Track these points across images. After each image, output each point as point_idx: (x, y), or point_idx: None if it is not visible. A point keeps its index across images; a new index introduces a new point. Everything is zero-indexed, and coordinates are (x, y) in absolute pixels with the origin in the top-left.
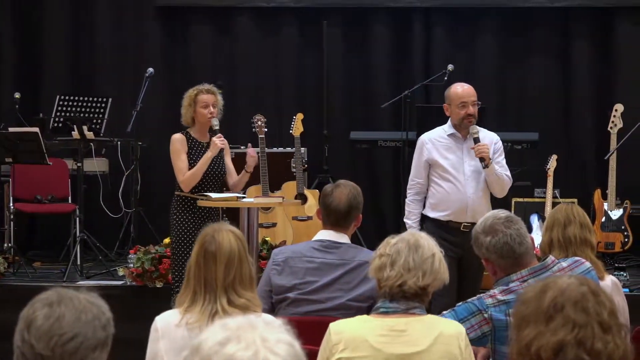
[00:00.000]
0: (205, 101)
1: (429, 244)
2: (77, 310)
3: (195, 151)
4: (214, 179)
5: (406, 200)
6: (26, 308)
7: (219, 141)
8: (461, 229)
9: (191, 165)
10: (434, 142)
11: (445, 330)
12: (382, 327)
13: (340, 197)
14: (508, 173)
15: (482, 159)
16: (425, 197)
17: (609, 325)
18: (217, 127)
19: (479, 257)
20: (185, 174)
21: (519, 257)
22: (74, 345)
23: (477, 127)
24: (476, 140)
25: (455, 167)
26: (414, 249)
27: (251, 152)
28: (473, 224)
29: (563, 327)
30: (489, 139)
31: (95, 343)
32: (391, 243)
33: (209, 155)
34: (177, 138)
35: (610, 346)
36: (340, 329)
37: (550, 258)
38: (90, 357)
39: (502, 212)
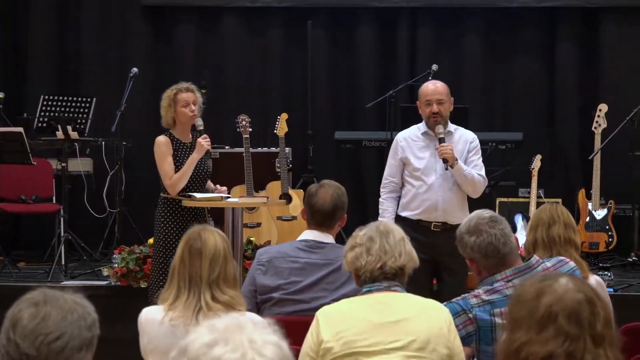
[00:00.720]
0: (186, 99)
1: (397, 229)
2: (63, 310)
3: (180, 152)
4: (200, 180)
5: (379, 199)
6: (12, 307)
7: (205, 142)
8: (432, 228)
9: (176, 166)
10: (408, 141)
11: (429, 304)
12: (368, 301)
13: (325, 197)
14: (482, 172)
15: (445, 160)
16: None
17: (602, 338)
18: (202, 127)
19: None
20: (172, 177)
21: (504, 257)
22: (60, 345)
23: (454, 125)
24: (441, 140)
25: (428, 166)
26: (385, 234)
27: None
28: (444, 223)
29: (554, 339)
30: (465, 138)
31: (80, 343)
32: (361, 234)
33: (195, 157)
34: (162, 141)
35: None
36: (325, 310)
37: (535, 258)
38: (76, 357)
39: (486, 212)
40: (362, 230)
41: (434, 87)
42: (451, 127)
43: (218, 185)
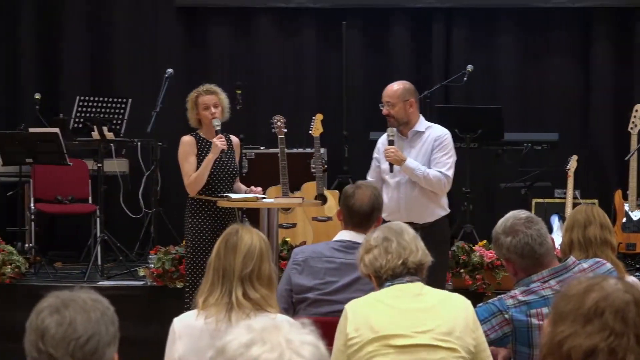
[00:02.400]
0: (206, 103)
1: (409, 227)
2: (86, 310)
3: (205, 152)
4: (225, 179)
5: None
6: (32, 318)
7: (219, 142)
8: None
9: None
10: (384, 143)
11: (452, 295)
12: (393, 291)
13: (363, 198)
14: (444, 170)
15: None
16: None
17: None
18: (219, 128)
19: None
20: (190, 178)
21: (540, 258)
22: (93, 345)
23: (428, 123)
24: (390, 143)
25: (388, 168)
26: (399, 233)
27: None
28: (412, 223)
29: (599, 333)
30: (433, 136)
31: (109, 339)
32: (373, 236)
33: (210, 158)
34: (186, 141)
35: None
36: (353, 303)
37: (571, 259)
38: (107, 352)
39: (522, 213)
40: (374, 233)
41: (386, 89)
42: (422, 126)
43: (252, 187)
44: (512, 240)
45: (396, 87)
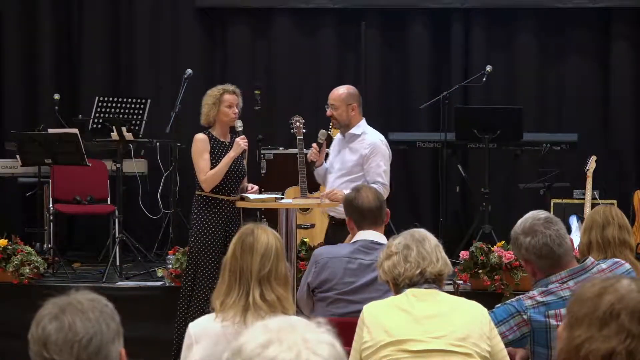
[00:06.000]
0: (230, 101)
1: (431, 236)
2: (83, 312)
3: (217, 150)
4: (234, 179)
5: None
6: (32, 329)
7: (242, 142)
8: (330, 221)
9: (213, 164)
10: (336, 144)
11: (468, 302)
12: (410, 297)
13: (367, 196)
14: (379, 179)
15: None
16: None
17: None
18: (241, 129)
19: None
20: (207, 174)
21: (559, 258)
22: (95, 344)
23: (368, 129)
24: (319, 145)
25: (330, 165)
26: (420, 241)
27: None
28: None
29: (616, 336)
30: (365, 144)
31: (112, 335)
32: (395, 242)
33: (232, 155)
34: (201, 138)
35: None
36: (369, 307)
37: (590, 259)
38: (111, 349)
39: (541, 213)
40: (397, 239)
41: (332, 92)
42: (358, 129)
43: (250, 184)
44: (530, 241)
45: (341, 91)
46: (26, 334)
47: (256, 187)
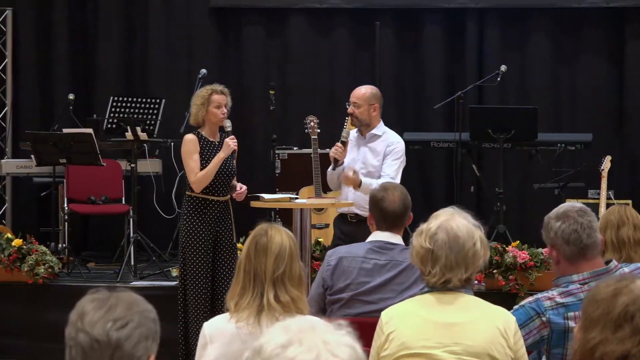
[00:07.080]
0: (219, 101)
1: (468, 229)
2: (128, 302)
3: (207, 151)
4: (224, 179)
5: None
6: (75, 309)
7: (232, 142)
8: (348, 219)
9: (203, 164)
10: (350, 141)
11: (494, 308)
12: (430, 299)
13: (394, 199)
14: (391, 174)
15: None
16: None
17: None
18: (230, 129)
19: None
20: (197, 175)
21: (585, 248)
22: (128, 331)
23: (385, 128)
24: (343, 143)
25: (349, 163)
26: (453, 241)
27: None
28: (357, 215)
29: (630, 338)
30: (386, 143)
31: (147, 332)
32: (431, 231)
33: (221, 156)
34: (190, 139)
35: None
36: (389, 310)
37: (614, 263)
38: (143, 345)
39: (577, 204)
40: (432, 227)
41: (355, 91)
42: (379, 130)
43: (239, 184)
44: (561, 225)
45: (364, 90)
46: (40, 333)
47: (245, 187)
